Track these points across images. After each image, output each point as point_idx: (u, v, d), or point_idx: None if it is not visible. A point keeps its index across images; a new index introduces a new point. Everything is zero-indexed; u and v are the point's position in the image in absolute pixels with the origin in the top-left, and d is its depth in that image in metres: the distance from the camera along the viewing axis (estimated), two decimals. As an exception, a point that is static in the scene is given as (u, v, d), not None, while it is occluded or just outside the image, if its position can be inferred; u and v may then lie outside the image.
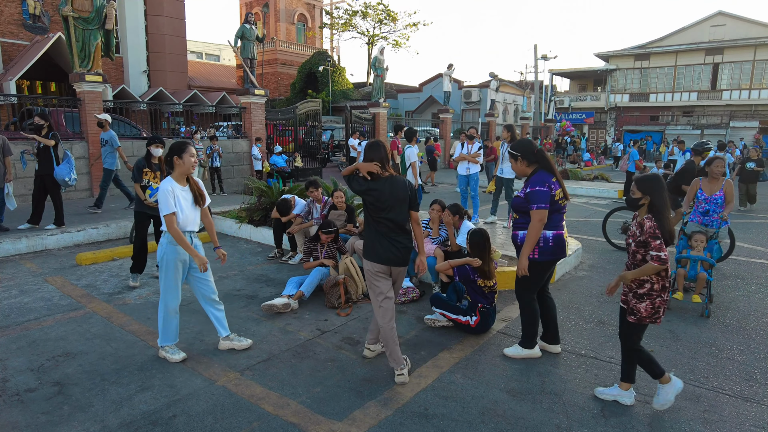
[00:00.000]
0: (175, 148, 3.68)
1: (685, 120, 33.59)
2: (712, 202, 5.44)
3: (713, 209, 5.45)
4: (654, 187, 3.08)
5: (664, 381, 3.14)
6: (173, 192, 3.60)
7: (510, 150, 3.81)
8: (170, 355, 3.79)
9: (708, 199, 5.46)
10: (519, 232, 3.75)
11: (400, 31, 38.12)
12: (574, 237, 7.71)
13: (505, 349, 3.97)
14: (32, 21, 22.36)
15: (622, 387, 3.27)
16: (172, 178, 3.69)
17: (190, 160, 3.66)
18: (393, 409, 3.15)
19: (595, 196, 14.19)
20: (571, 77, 40.56)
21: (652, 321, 3.11)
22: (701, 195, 5.51)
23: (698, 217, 5.53)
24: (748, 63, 31.04)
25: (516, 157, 3.73)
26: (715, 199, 5.41)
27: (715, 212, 5.44)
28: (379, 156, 3.46)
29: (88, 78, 10.29)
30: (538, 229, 3.53)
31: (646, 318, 3.10)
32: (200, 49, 46.19)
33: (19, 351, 3.89)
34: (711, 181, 5.49)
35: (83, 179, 10.49)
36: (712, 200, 5.43)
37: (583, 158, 24.02)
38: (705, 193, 5.48)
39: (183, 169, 3.68)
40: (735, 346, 4.13)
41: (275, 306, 4.69)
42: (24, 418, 3.00)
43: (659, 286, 3.07)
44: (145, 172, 5.40)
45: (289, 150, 15.55)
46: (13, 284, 5.52)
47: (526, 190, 3.62)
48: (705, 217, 5.50)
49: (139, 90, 26.31)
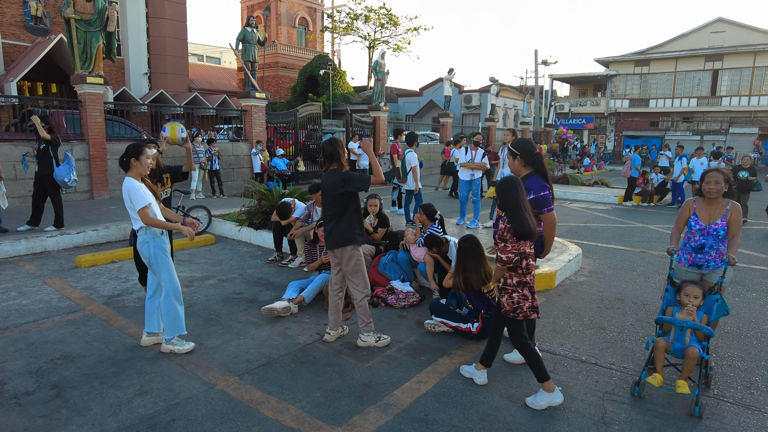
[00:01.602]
0: (131, 150, 3.83)
1: (685, 126, 33.65)
2: (710, 234, 3.73)
3: (711, 244, 3.74)
4: (502, 188, 3.25)
5: (546, 388, 3.25)
6: (141, 186, 3.77)
7: (510, 147, 3.85)
8: (179, 347, 3.86)
9: (705, 230, 3.74)
10: None
11: (402, 35, 38.20)
12: (574, 242, 7.71)
13: (505, 355, 3.97)
14: (34, 22, 22.40)
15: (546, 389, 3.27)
16: (130, 177, 3.80)
17: (146, 161, 3.84)
18: (393, 415, 3.13)
19: (595, 201, 14.19)
20: (572, 82, 40.65)
21: (515, 315, 3.26)
22: (695, 223, 3.78)
23: (689, 256, 3.83)
24: (748, 69, 31.12)
25: (515, 155, 3.79)
26: (715, 230, 3.71)
27: (713, 248, 3.73)
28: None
29: (89, 80, 10.30)
30: (554, 229, 3.69)
31: (509, 311, 3.27)
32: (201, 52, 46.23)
33: (17, 353, 3.87)
34: (709, 203, 3.78)
35: (83, 181, 10.49)
36: (710, 231, 3.72)
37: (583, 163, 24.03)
38: (701, 221, 3.77)
39: (140, 170, 3.84)
40: (736, 354, 4.12)
41: (275, 309, 4.68)
42: (22, 421, 2.98)
43: (513, 281, 3.25)
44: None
45: (290, 153, 15.56)
46: (11, 286, 5.50)
47: (529, 196, 3.62)
48: (699, 255, 3.78)
49: (139, 92, 26.33)
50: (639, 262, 7.06)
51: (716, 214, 3.73)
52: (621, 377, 3.68)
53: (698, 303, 3.52)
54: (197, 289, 5.57)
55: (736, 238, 3.67)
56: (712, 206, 3.77)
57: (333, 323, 4.25)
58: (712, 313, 3.55)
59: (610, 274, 6.48)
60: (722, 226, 3.70)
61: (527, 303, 3.25)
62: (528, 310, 3.26)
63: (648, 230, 9.79)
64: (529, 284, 3.26)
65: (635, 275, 6.42)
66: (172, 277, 3.91)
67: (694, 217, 3.82)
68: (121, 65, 25.86)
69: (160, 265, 3.86)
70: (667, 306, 3.72)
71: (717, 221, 3.70)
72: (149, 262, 3.89)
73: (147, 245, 3.83)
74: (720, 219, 3.71)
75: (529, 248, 3.23)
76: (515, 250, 3.16)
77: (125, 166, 3.83)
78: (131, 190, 3.72)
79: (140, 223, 3.79)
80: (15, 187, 9.63)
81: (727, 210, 3.70)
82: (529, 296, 3.26)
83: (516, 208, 3.16)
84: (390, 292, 5.26)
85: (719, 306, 3.58)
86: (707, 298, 3.59)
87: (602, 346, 4.24)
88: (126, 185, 3.76)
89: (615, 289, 5.81)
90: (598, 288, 5.86)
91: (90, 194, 10.69)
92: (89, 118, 10.46)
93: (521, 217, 3.14)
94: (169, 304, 3.88)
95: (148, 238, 3.83)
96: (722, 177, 3.70)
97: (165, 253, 3.88)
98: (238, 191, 13.08)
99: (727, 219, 3.68)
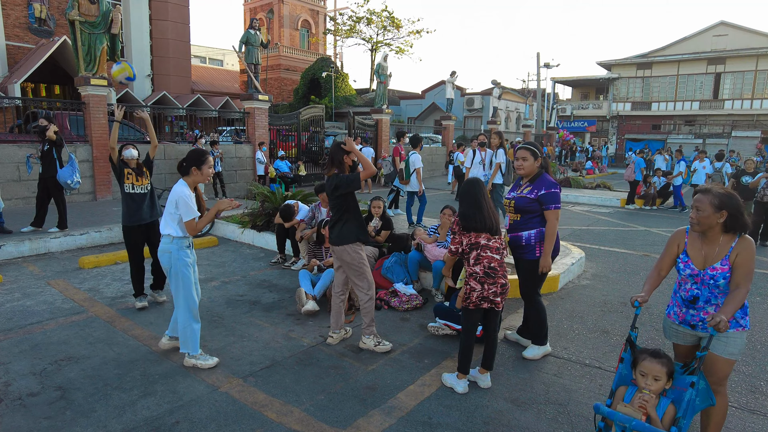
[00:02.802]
0: (195, 158, 3.69)
1: (687, 129, 33.62)
2: (704, 284, 2.64)
3: (708, 297, 2.65)
4: (466, 188, 3.56)
5: (459, 376, 3.49)
6: (192, 197, 3.67)
7: (530, 148, 3.88)
8: (203, 362, 3.73)
9: (698, 276, 2.65)
10: (523, 233, 3.83)
11: (404, 38, 38.28)
12: (577, 245, 7.70)
13: (523, 352, 4.05)
14: (38, 24, 22.50)
15: (459, 376, 3.50)
16: (185, 183, 3.70)
17: (208, 172, 3.73)
18: (396, 418, 3.13)
19: (598, 204, 14.18)
20: (574, 85, 40.67)
21: (465, 304, 3.45)
22: (685, 266, 2.70)
23: (679, 309, 2.77)
24: (750, 73, 31.11)
25: (537, 156, 3.85)
26: (712, 277, 2.60)
27: (710, 303, 2.65)
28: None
29: (93, 81, 10.33)
30: (556, 227, 3.74)
31: (462, 301, 3.48)
32: (204, 54, 46.39)
33: (21, 354, 3.87)
34: (705, 238, 2.66)
35: (86, 182, 10.51)
36: (705, 279, 2.63)
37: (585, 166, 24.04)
38: (692, 264, 2.67)
39: (197, 179, 3.73)
40: (740, 358, 4.10)
41: (312, 310, 4.87)
42: (26, 422, 2.99)
43: (468, 273, 3.45)
44: (128, 173, 4.96)
45: (292, 155, 15.58)
46: (16, 287, 5.51)
47: (539, 191, 3.72)
48: (690, 309, 2.71)
49: (142, 94, 26.40)
50: (642, 266, 7.05)
51: (715, 255, 2.60)
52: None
53: (659, 387, 2.47)
54: (200, 291, 5.57)
55: (739, 290, 2.49)
56: (710, 243, 2.63)
57: (335, 325, 4.25)
58: (683, 405, 2.37)
59: (613, 277, 6.48)
60: (722, 273, 2.57)
61: (475, 294, 3.39)
62: (477, 300, 3.40)
63: (650, 233, 9.78)
64: (477, 275, 3.39)
65: (638, 279, 6.41)
66: (190, 294, 3.75)
67: (683, 256, 2.72)
68: (124, 67, 25.90)
69: (179, 278, 3.71)
70: (619, 383, 2.67)
71: (715, 265, 2.58)
72: (168, 272, 3.76)
73: (168, 255, 3.69)
74: (720, 262, 2.58)
75: (484, 240, 3.43)
76: (463, 240, 3.46)
77: (184, 171, 3.71)
78: (182, 199, 3.60)
79: (170, 230, 3.67)
80: (18, 188, 9.66)
81: (731, 249, 2.56)
82: (477, 287, 3.38)
83: (470, 204, 3.46)
84: (393, 294, 5.26)
85: (700, 392, 2.40)
86: (677, 380, 2.51)
87: (606, 349, 4.23)
88: (178, 192, 3.62)
89: (618, 293, 5.80)
90: (601, 291, 5.85)
91: (93, 196, 10.71)
92: (93, 120, 10.49)
93: (472, 212, 3.43)
94: (185, 321, 3.72)
95: (172, 248, 3.69)
96: (709, 201, 2.55)
97: (186, 267, 3.72)
98: (241, 193, 13.11)
99: (731, 262, 2.55)
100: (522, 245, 3.83)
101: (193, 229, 3.64)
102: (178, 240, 3.70)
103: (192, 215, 3.62)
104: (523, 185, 3.88)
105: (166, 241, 3.72)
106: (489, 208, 3.48)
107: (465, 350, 3.47)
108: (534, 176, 3.83)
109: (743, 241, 2.60)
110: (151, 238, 5.11)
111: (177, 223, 3.68)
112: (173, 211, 3.65)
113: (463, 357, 3.47)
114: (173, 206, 3.64)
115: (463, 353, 3.47)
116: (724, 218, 2.56)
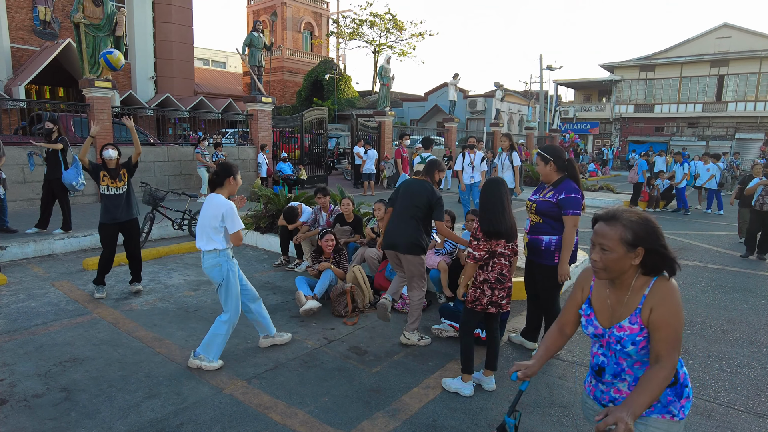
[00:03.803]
0: (227, 169, 3.75)
1: (690, 131, 33.55)
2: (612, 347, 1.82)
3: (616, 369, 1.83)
4: (487, 188, 3.51)
5: (465, 378, 3.48)
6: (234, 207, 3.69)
7: (541, 152, 3.84)
8: (207, 364, 3.73)
9: (603, 337, 1.84)
10: (543, 237, 3.77)
11: (407, 40, 38.34)
12: (580, 248, 7.66)
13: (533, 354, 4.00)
14: (42, 27, 22.60)
15: (464, 379, 3.49)
16: (221, 194, 3.71)
17: (240, 180, 3.80)
18: (401, 421, 3.12)
19: (601, 206, 14.13)
20: (576, 87, 40.63)
21: (473, 306, 3.48)
22: (588, 321, 1.90)
23: (591, 378, 1.97)
24: (754, 75, 31.03)
25: (547, 161, 3.78)
26: (618, 340, 1.78)
27: (620, 377, 1.83)
28: None
29: (97, 84, 10.37)
30: (574, 234, 3.69)
31: (469, 302, 3.49)
32: (207, 56, 46.55)
33: (26, 356, 3.88)
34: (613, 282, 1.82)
35: (90, 184, 10.52)
36: (612, 341, 1.80)
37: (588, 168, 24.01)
38: (596, 319, 1.87)
39: (232, 190, 3.77)
40: (746, 361, 4.09)
41: (312, 309, 4.85)
42: (31, 423, 2.99)
43: (481, 278, 3.45)
44: (103, 175, 5.17)
45: (295, 158, 15.60)
46: (20, 288, 5.53)
47: (559, 195, 3.68)
48: (599, 383, 1.92)
49: (146, 96, 26.50)
50: (646, 268, 7.01)
51: (623, 307, 1.79)
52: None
53: None
54: (204, 293, 5.58)
55: (660, 367, 1.66)
56: (619, 288, 1.82)
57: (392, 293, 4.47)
58: None
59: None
60: (630, 336, 1.75)
61: (485, 299, 3.45)
62: (486, 304, 3.45)
63: (654, 236, 9.74)
64: (489, 281, 3.42)
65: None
66: (238, 304, 3.78)
67: (586, 307, 1.93)
68: (128, 69, 26.03)
69: (231, 289, 3.72)
70: None
71: (622, 323, 1.78)
72: (219, 286, 3.72)
73: (219, 269, 3.67)
74: (628, 319, 1.77)
75: (500, 248, 3.42)
76: (487, 248, 3.40)
77: (219, 183, 3.72)
78: (229, 211, 3.58)
79: (216, 244, 3.63)
80: (23, 189, 9.70)
81: (643, 298, 1.74)
82: (488, 293, 3.42)
83: (492, 209, 3.40)
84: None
85: None
86: None
87: (610, 352, 4.22)
88: (222, 204, 3.59)
89: (622, 295, 5.78)
90: (606, 294, 5.82)
91: (97, 197, 10.73)
92: (97, 122, 10.51)
93: (495, 217, 3.37)
94: (222, 327, 3.72)
95: (221, 261, 3.67)
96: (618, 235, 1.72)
97: (236, 277, 3.77)
98: (244, 195, 13.11)
99: (642, 320, 1.73)
100: (541, 249, 3.78)
101: (239, 239, 3.66)
102: (225, 252, 3.69)
103: (240, 226, 3.63)
104: (546, 189, 3.85)
105: (213, 256, 3.65)
106: (511, 211, 3.46)
107: (466, 349, 3.47)
108: (557, 181, 3.77)
109: (661, 288, 1.72)
110: (130, 234, 5.40)
111: (222, 235, 3.65)
112: (218, 225, 3.60)
113: (466, 357, 3.46)
114: (217, 220, 3.58)
115: (465, 353, 3.47)
116: (640, 258, 1.72)
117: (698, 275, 6.74)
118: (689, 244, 8.99)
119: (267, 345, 4.15)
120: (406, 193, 4.21)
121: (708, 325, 4.89)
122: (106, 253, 5.34)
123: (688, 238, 9.52)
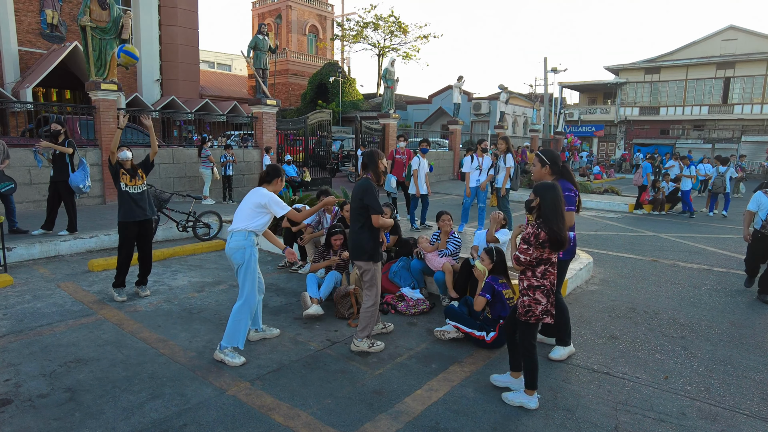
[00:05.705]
0: (277, 171, 4.19)
1: (696, 134, 33.38)
2: None
3: None
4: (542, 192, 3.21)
5: (529, 393, 3.34)
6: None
7: (539, 155, 3.94)
8: (230, 359, 3.84)
9: None
10: None
11: (411, 43, 38.39)
12: (584, 250, 7.65)
13: (549, 354, 4.06)
14: (50, 30, 22.78)
15: (527, 393, 3.35)
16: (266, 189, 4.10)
17: (282, 184, 4.21)
18: (404, 423, 3.12)
19: (606, 209, 14.10)
20: (581, 90, 40.52)
21: (526, 318, 3.28)
22: None
23: None
24: (760, 77, 30.85)
25: (544, 164, 3.89)
26: None
27: None
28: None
29: (103, 86, 10.44)
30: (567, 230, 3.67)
31: (522, 314, 3.30)
32: (212, 59, 46.76)
33: (31, 356, 3.91)
34: None
35: (96, 186, 10.60)
36: None
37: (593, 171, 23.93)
38: None
39: (277, 189, 4.16)
40: (752, 365, 4.06)
41: (315, 315, 4.84)
42: (36, 423, 3.01)
43: (526, 284, 3.29)
44: (122, 173, 5.29)
45: (299, 160, 15.65)
46: (26, 289, 5.57)
47: None
48: None
49: (151, 98, 26.64)
50: (650, 271, 6.99)
51: None
52: (633, 387, 3.64)
53: None
54: (208, 294, 5.60)
55: None
56: None
57: None
58: None
59: (621, 282, 6.43)
60: None
61: (540, 307, 3.27)
62: (541, 314, 3.28)
63: (659, 239, 9.71)
64: (542, 288, 3.27)
65: (646, 284, 6.36)
66: (254, 288, 3.98)
67: None
68: (134, 72, 26.19)
69: (250, 273, 3.93)
70: None
71: None
72: (239, 267, 3.92)
73: (243, 251, 3.88)
74: None
75: (555, 257, 3.30)
76: (538, 255, 3.22)
77: (269, 179, 4.11)
78: (272, 199, 3.97)
79: (245, 223, 3.90)
80: (30, 191, 9.76)
81: None
82: (543, 300, 3.27)
83: (557, 220, 3.15)
84: (400, 299, 5.26)
85: None
86: None
87: (614, 355, 4.20)
88: (265, 194, 3.98)
89: (626, 298, 5.76)
90: (610, 297, 5.81)
91: (103, 199, 10.81)
92: (103, 124, 10.59)
93: (559, 226, 3.14)
94: (241, 312, 3.90)
95: (247, 244, 3.90)
96: None
97: (256, 263, 3.99)
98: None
99: None
100: None
101: (296, 216, 4.13)
102: (252, 235, 3.93)
103: (287, 208, 4.00)
104: None
105: (240, 238, 3.89)
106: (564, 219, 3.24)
107: (533, 367, 3.32)
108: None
109: None
110: (145, 234, 5.43)
111: (257, 220, 3.96)
112: (260, 210, 3.96)
113: (533, 374, 3.32)
114: (260, 206, 3.95)
115: (533, 371, 3.32)
116: None
117: (704, 278, 6.71)
118: (695, 247, 8.94)
119: (257, 339, 4.31)
120: (352, 196, 4.14)
121: (713, 328, 4.86)
122: (124, 253, 5.32)
123: (694, 241, 9.47)
